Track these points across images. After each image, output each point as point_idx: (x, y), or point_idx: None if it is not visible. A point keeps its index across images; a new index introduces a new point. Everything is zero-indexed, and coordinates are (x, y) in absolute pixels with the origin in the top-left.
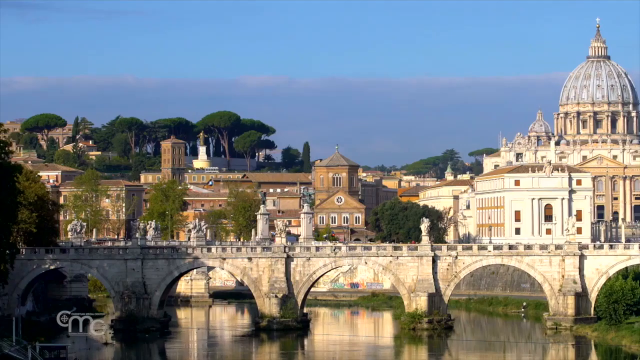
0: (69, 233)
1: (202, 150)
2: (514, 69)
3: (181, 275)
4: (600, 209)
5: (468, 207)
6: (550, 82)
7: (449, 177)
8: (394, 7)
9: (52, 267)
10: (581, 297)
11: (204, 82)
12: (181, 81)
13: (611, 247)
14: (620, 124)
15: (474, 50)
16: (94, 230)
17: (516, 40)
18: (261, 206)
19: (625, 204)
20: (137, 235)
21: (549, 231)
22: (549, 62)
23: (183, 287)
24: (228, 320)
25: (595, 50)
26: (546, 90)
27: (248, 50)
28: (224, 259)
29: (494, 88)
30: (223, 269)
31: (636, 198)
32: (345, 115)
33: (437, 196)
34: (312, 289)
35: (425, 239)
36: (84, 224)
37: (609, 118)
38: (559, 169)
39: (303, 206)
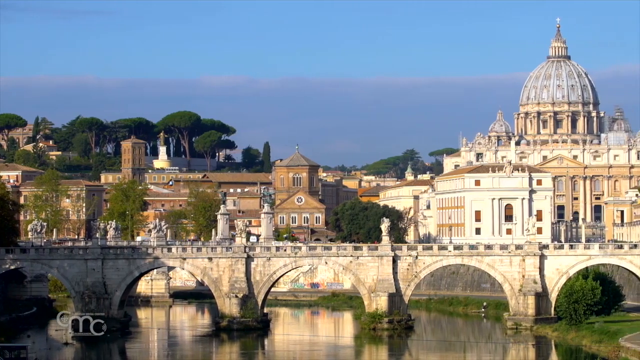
0: (30, 233)
1: (162, 150)
2: (475, 69)
3: (141, 275)
4: (560, 209)
5: (428, 207)
6: (510, 82)
7: (409, 177)
8: (355, 7)
9: (12, 267)
10: (541, 297)
11: (165, 82)
12: (141, 81)
13: (571, 247)
14: (581, 124)
15: (435, 50)
16: (55, 230)
17: (477, 40)
18: (221, 206)
19: (585, 204)
20: (97, 235)
21: (509, 231)
22: (509, 62)
23: (143, 287)
24: (188, 320)
25: (555, 50)
26: (507, 90)
27: (209, 50)
28: (184, 259)
29: (454, 88)
30: (183, 269)
31: (596, 198)
32: (305, 115)
33: (397, 196)
34: (273, 289)
35: (385, 239)
36: (45, 224)
37: (569, 118)
38: (520, 169)
39: (263, 206)
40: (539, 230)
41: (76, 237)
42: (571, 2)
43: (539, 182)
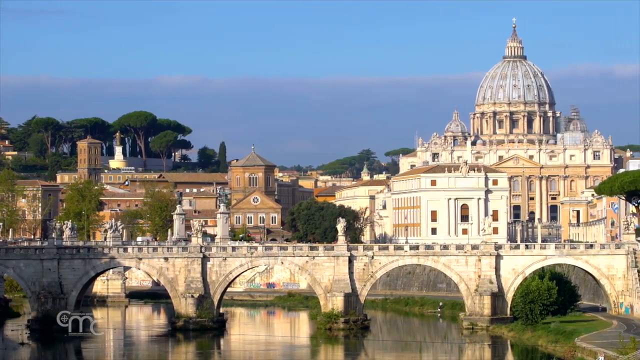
0: None
1: (118, 150)
2: (431, 68)
3: (97, 275)
4: (516, 209)
5: (384, 207)
6: (466, 82)
7: (365, 177)
8: (310, 7)
9: None
10: (497, 297)
11: (120, 82)
12: (97, 81)
13: (527, 247)
14: (537, 124)
15: (391, 50)
16: (10, 230)
17: (433, 40)
18: (177, 206)
19: (541, 204)
20: (53, 235)
21: (465, 231)
22: (465, 62)
23: (99, 287)
24: (144, 320)
25: (511, 50)
26: (463, 90)
27: (164, 50)
28: (140, 259)
29: (411, 88)
30: (139, 269)
31: (552, 198)
32: (261, 115)
33: (353, 196)
34: (229, 289)
35: (341, 239)
36: (0, 224)
37: (525, 118)
38: (475, 169)
39: (219, 206)
40: (495, 230)
41: (32, 237)
42: (527, 2)
43: (495, 182)
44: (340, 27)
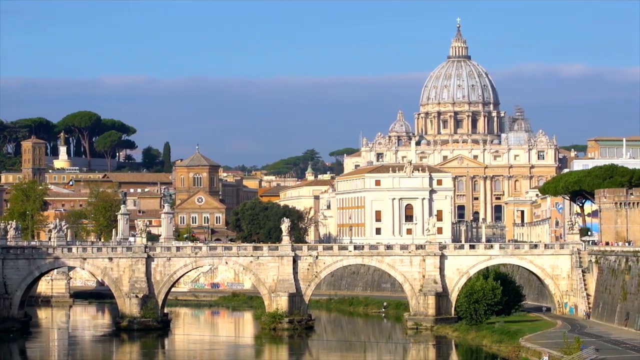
0: None
1: (62, 150)
2: (375, 68)
3: (42, 275)
4: (461, 209)
5: (329, 207)
6: (411, 82)
7: (309, 177)
8: (255, 7)
9: None
10: (442, 297)
11: (65, 82)
12: (42, 81)
13: (472, 247)
14: (481, 124)
15: (335, 50)
16: None
17: (378, 40)
18: (122, 206)
19: (485, 204)
20: None
21: (409, 231)
22: (410, 61)
23: (44, 287)
24: (89, 320)
25: (455, 50)
26: (407, 90)
27: (109, 50)
28: (85, 259)
29: (355, 88)
30: (84, 269)
31: (496, 198)
32: (206, 115)
33: (297, 196)
34: (173, 289)
35: (285, 239)
36: None
37: (470, 118)
38: (420, 169)
39: (164, 206)
40: (440, 230)
41: None
42: (471, 2)
43: (440, 182)
44: (285, 27)
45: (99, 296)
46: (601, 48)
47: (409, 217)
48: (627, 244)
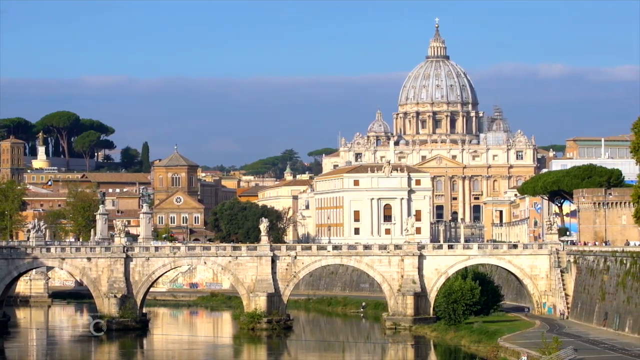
0: None
1: (41, 150)
2: (354, 68)
3: (20, 275)
4: (439, 209)
5: (307, 207)
6: (389, 82)
7: (288, 177)
8: (235, 7)
9: None
10: (420, 297)
11: (44, 82)
12: (20, 81)
13: (450, 247)
14: (460, 124)
15: (314, 50)
16: None
17: (357, 39)
18: (100, 206)
19: (464, 204)
20: None
21: (388, 231)
22: (388, 61)
23: (22, 287)
24: (67, 320)
25: (434, 50)
26: (386, 90)
27: (88, 50)
28: (63, 259)
29: (334, 88)
30: (62, 269)
31: (475, 198)
32: (184, 115)
33: (276, 196)
34: (152, 289)
35: (264, 239)
36: None
37: (448, 118)
38: (398, 169)
39: (142, 206)
40: (418, 230)
41: None
42: (450, 2)
43: (418, 182)
44: (265, 26)
45: (78, 296)
46: (581, 48)
47: (387, 217)
48: (604, 244)
